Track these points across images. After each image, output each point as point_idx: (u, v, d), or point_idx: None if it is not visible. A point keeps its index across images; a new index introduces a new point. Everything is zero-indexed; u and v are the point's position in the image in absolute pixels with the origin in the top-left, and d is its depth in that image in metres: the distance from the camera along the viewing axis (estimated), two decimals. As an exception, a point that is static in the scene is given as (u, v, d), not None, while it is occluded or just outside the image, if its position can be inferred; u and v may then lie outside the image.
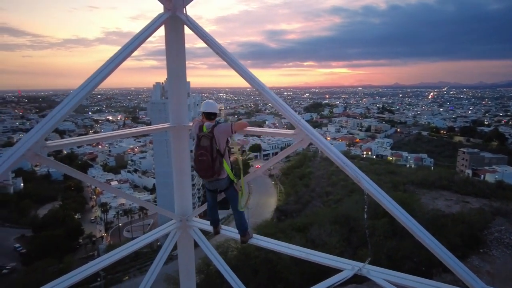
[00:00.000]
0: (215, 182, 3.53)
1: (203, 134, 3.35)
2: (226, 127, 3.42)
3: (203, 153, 3.30)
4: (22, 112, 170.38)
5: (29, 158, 2.44)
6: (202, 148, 3.31)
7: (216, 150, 3.31)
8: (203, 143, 3.33)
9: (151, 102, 58.46)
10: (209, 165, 3.29)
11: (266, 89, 3.15)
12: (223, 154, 3.41)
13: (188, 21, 3.25)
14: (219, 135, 3.35)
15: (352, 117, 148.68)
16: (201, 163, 3.32)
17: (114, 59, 2.81)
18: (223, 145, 3.41)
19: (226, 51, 3.28)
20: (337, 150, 2.88)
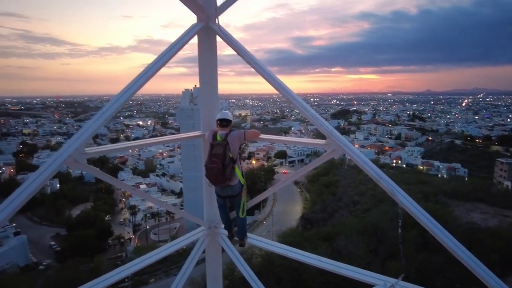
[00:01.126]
0: (227, 189, 3.61)
1: (217, 142, 3.44)
2: (240, 134, 3.55)
3: (214, 161, 3.37)
4: (59, 117, 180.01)
5: (69, 164, 2.56)
6: (214, 155, 3.38)
7: (229, 158, 3.39)
8: (216, 151, 3.40)
9: (180, 108, 59.84)
10: (219, 171, 3.35)
11: (296, 97, 3.13)
12: (235, 160, 3.49)
13: (220, 31, 3.30)
14: (232, 142, 3.45)
15: (381, 124, 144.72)
16: (212, 170, 3.39)
17: (151, 68, 2.90)
18: (236, 152, 3.49)
19: (256, 59, 3.30)
20: (371, 162, 2.79)
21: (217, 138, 3.49)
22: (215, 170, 3.36)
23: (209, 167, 3.40)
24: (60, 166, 2.43)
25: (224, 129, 3.55)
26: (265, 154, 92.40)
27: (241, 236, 3.86)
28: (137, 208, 54.62)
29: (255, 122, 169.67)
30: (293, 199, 59.93)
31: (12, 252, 40.57)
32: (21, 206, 2.22)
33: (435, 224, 2.59)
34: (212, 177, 3.42)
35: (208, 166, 3.41)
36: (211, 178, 3.44)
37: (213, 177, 3.42)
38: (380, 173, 2.69)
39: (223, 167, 3.34)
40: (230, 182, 3.50)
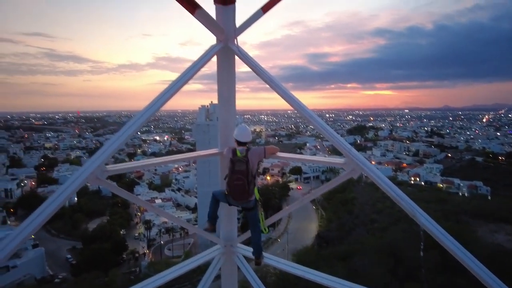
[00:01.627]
0: (245, 203, 3.60)
1: (238, 158, 3.45)
2: (260, 151, 3.58)
3: (239, 178, 3.39)
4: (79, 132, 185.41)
5: (90, 181, 2.62)
6: (238, 172, 3.40)
7: (251, 174, 3.42)
8: (238, 167, 3.41)
9: (196, 124, 60.67)
10: (244, 188, 3.38)
11: (313, 115, 3.13)
12: (255, 176, 3.51)
13: (239, 51, 3.37)
14: (253, 159, 3.46)
15: (399, 141, 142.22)
16: (237, 187, 3.40)
17: (172, 86, 2.98)
18: (255, 168, 3.51)
19: (273, 77, 3.35)
20: (391, 182, 2.74)
21: (237, 154, 3.50)
22: (240, 187, 3.39)
23: (233, 184, 3.42)
24: (82, 183, 2.49)
25: (243, 146, 3.58)
26: (280, 170, 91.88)
27: (257, 254, 3.78)
28: (152, 223, 54.90)
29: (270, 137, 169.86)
30: (308, 216, 58.98)
31: (30, 264, 41.26)
32: (45, 221, 2.27)
33: (457, 246, 2.51)
34: (236, 194, 3.45)
35: (233, 183, 3.42)
36: (235, 194, 3.46)
37: (237, 194, 3.45)
38: (401, 193, 2.64)
39: (247, 184, 3.38)
40: (250, 197, 3.52)
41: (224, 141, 3.90)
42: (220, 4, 3.30)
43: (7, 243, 2.11)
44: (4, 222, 54.65)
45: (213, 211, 3.96)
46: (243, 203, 3.59)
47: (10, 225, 52.75)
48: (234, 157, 3.48)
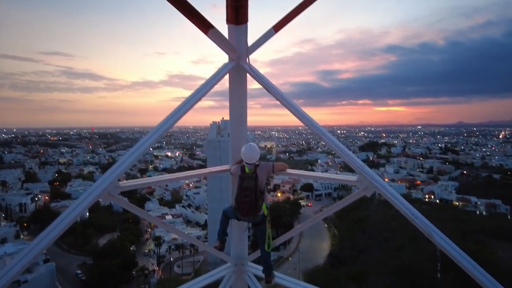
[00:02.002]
0: (252, 218, 3.60)
1: (247, 175, 3.51)
2: (269, 167, 3.64)
3: (247, 194, 3.42)
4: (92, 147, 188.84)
5: (103, 197, 2.64)
6: (246, 189, 3.44)
7: (259, 190, 3.45)
8: (246, 183, 3.46)
9: (208, 140, 61.12)
10: (252, 204, 3.41)
11: (325, 132, 3.13)
12: (263, 192, 3.52)
13: (250, 70, 3.42)
14: (261, 175, 3.51)
15: (412, 158, 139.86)
16: (245, 203, 3.44)
17: (185, 104, 3.02)
18: (263, 184, 3.54)
19: (284, 95, 3.38)
20: (405, 200, 2.68)
21: (245, 170, 3.55)
22: (248, 203, 3.42)
23: (241, 200, 3.46)
24: (95, 199, 2.51)
25: (251, 165, 3.60)
26: (291, 186, 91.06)
27: (267, 272, 3.74)
28: (162, 239, 54.70)
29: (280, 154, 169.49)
30: (320, 234, 57.89)
31: (41, 279, 41.31)
32: (58, 236, 2.28)
33: (476, 267, 2.43)
34: (244, 210, 3.47)
35: (241, 200, 3.46)
36: (243, 210, 3.48)
37: (245, 210, 3.47)
38: (415, 212, 2.58)
39: (256, 200, 3.40)
40: (258, 213, 3.53)
41: (235, 157, 3.90)
42: (233, 24, 3.37)
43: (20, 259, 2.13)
44: (17, 236, 55.34)
45: (223, 228, 3.97)
46: (251, 219, 3.60)
47: (23, 239, 53.36)
48: (243, 174, 3.53)
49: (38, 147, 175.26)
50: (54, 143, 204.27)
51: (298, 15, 3.37)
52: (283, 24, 3.41)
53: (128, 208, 3.11)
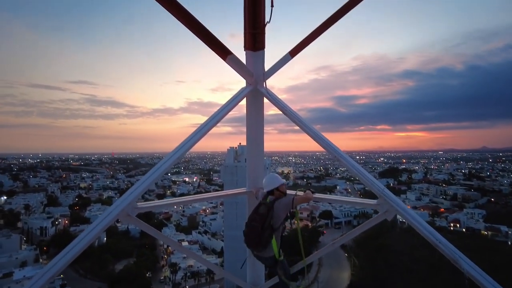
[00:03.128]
0: (260, 257, 3.43)
1: (264, 202, 3.37)
2: (287, 203, 3.36)
3: (255, 218, 3.26)
4: (112, 172, 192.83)
5: (121, 218, 2.67)
6: (257, 214, 3.29)
7: (269, 222, 3.23)
8: (260, 210, 3.31)
9: (225, 165, 61.30)
10: (256, 234, 3.21)
11: (343, 155, 3.09)
12: (275, 229, 3.29)
13: (267, 93, 3.48)
14: (278, 210, 3.31)
15: (434, 184, 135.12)
16: (249, 228, 3.28)
17: (203, 128, 3.08)
18: (280, 221, 3.31)
19: (302, 118, 3.39)
20: (427, 224, 2.57)
21: (267, 199, 3.44)
22: (253, 229, 3.25)
23: (249, 224, 3.33)
24: (114, 220, 2.54)
25: (271, 194, 3.49)
26: (309, 213, 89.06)
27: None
28: (178, 266, 54.01)
29: (298, 179, 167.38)
30: (340, 264, 55.72)
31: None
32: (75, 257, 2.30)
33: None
34: (248, 236, 3.31)
35: (249, 224, 3.33)
36: (247, 237, 3.32)
37: (248, 238, 3.30)
38: (439, 237, 2.46)
39: (262, 230, 3.20)
40: (263, 251, 3.30)
41: (252, 181, 3.90)
42: (250, 50, 3.48)
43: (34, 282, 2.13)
44: (36, 260, 55.97)
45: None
46: (256, 251, 3.39)
47: (42, 263, 53.87)
48: (262, 200, 3.44)
49: (61, 172, 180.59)
50: (76, 168, 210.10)
51: (313, 41, 3.44)
52: (299, 49, 3.48)
53: (146, 230, 3.11)
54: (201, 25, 2.81)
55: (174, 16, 2.70)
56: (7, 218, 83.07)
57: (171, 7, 2.62)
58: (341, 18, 3.24)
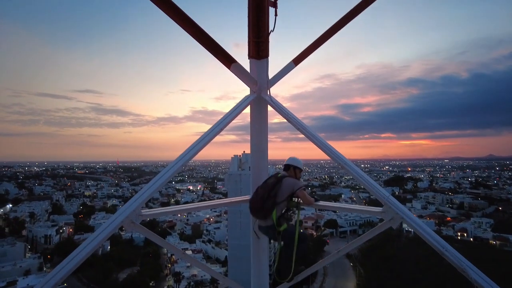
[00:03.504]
0: (262, 227, 3.60)
1: (275, 175, 3.65)
2: (293, 184, 3.57)
3: (263, 186, 3.53)
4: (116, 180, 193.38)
5: (126, 225, 2.67)
6: (265, 183, 3.56)
7: (274, 194, 3.44)
8: (269, 181, 3.58)
9: (229, 173, 61.29)
10: (261, 200, 3.42)
11: (348, 162, 3.09)
12: (277, 203, 3.47)
13: (271, 101, 3.50)
14: (284, 186, 3.52)
15: (440, 193, 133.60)
16: (255, 194, 3.53)
17: (209, 133, 3.10)
18: (282, 197, 3.49)
19: (306, 126, 3.40)
20: (433, 232, 2.54)
21: (278, 174, 3.69)
22: (258, 196, 3.49)
23: (256, 191, 3.58)
24: (118, 227, 2.55)
25: (285, 172, 3.79)
26: (314, 222, 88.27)
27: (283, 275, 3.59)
28: (182, 275, 53.63)
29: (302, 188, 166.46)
30: (345, 274, 55.00)
31: (60, 314, 41.00)
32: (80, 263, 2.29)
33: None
34: (252, 202, 3.54)
35: (255, 191, 3.59)
36: (252, 201, 3.54)
37: (252, 203, 3.53)
38: (446, 245, 2.42)
39: (267, 198, 3.42)
40: (264, 221, 3.52)
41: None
42: (254, 59, 3.51)
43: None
44: (40, 268, 55.92)
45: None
46: (257, 217, 3.59)
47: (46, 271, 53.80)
48: (274, 174, 3.70)
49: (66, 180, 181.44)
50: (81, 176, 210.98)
51: (316, 49, 3.47)
52: (303, 57, 3.51)
53: (150, 237, 3.11)
54: (206, 34, 2.85)
55: (180, 26, 2.74)
56: (12, 226, 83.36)
57: (177, 17, 2.66)
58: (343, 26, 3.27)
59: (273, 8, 3.38)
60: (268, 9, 3.38)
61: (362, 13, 3.26)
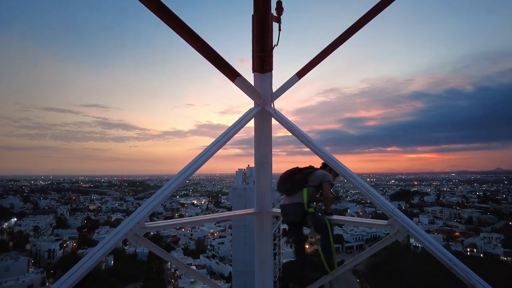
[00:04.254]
0: (287, 206, 3.56)
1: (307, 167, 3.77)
2: (325, 174, 3.66)
3: (295, 168, 3.68)
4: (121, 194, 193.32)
5: (129, 238, 2.66)
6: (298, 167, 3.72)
7: (306, 173, 3.58)
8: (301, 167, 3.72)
9: (233, 187, 61.12)
10: (292, 173, 3.58)
11: (352, 174, 3.08)
12: (309, 185, 3.56)
13: (275, 114, 3.53)
14: (318, 174, 3.64)
15: (447, 207, 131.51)
16: (286, 171, 3.67)
17: (213, 146, 3.11)
18: (313, 183, 3.59)
19: (310, 139, 3.40)
20: (440, 245, 2.50)
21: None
22: (289, 171, 3.65)
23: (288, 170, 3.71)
24: (121, 239, 2.54)
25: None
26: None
27: None
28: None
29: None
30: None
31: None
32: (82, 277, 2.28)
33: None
34: (281, 178, 3.66)
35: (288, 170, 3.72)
36: (280, 179, 3.67)
37: (281, 178, 3.65)
38: (454, 259, 2.37)
39: (299, 172, 3.60)
40: (292, 197, 3.54)
41: (260, 202, 3.87)
42: (258, 72, 3.56)
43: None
44: (43, 283, 55.48)
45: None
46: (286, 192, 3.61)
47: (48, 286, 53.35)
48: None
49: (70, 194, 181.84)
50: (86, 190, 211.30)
51: (319, 63, 3.51)
52: (306, 71, 3.55)
53: (154, 250, 3.09)
54: (211, 49, 2.91)
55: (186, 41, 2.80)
56: (16, 240, 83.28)
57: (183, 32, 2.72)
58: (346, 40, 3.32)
59: (277, 23, 3.45)
60: (272, 24, 3.44)
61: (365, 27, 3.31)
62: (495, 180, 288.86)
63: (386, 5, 3.16)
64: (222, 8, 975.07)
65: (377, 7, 3.20)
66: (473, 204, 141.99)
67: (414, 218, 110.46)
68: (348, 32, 3.31)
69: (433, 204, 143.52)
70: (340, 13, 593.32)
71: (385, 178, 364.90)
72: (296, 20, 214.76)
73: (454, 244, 78.06)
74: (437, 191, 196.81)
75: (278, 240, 55.80)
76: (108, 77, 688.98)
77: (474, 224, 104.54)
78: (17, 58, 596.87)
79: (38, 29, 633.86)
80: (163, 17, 2.58)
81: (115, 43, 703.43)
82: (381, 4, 3.18)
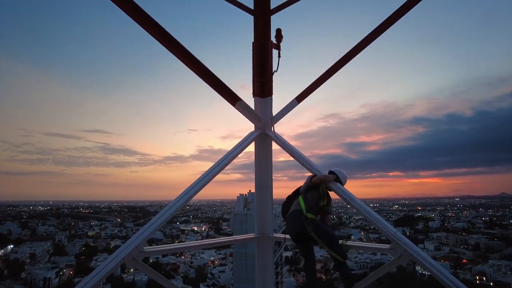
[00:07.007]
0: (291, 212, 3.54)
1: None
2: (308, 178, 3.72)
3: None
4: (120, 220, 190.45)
5: (127, 262, 2.62)
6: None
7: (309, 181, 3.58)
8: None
9: (234, 213, 60.40)
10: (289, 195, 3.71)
11: (354, 198, 3.07)
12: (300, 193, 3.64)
13: (276, 137, 3.56)
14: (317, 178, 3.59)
15: (453, 233, 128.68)
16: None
17: (214, 168, 3.12)
18: (303, 189, 3.64)
19: (311, 162, 3.43)
20: (446, 270, 2.44)
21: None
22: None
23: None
24: (119, 264, 2.50)
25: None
26: (323, 265, 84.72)
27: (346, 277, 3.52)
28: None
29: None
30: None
31: None
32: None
33: None
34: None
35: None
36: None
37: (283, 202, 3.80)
38: (461, 285, 2.31)
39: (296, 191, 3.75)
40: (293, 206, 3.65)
41: (260, 226, 3.83)
42: (258, 97, 3.63)
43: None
44: (38, 314, 53.64)
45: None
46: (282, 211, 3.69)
47: (43, 318, 51.53)
48: None
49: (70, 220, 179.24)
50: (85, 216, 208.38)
51: (318, 87, 3.59)
52: (305, 95, 3.62)
53: (152, 276, 3.03)
54: (212, 74, 2.98)
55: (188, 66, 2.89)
56: (11, 268, 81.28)
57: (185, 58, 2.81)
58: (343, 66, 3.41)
59: (277, 50, 3.56)
60: (272, 51, 3.55)
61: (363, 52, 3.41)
62: (501, 205, 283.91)
63: (383, 31, 3.27)
64: (223, 36, 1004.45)
65: (374, 33, 3.31)
66: (479, 229, 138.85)
67: (419, 245, 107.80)
68: (345, 57, 3.40)
69: (438, 230, 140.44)
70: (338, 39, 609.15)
71: (388, 203, 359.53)
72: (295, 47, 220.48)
73: (462, 271, 75.66)
74: (441, 216, 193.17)
75: (280, 268, 54.32)
76: (111, 103, 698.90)
77: (482, 251, 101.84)
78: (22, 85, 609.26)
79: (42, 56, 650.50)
80: (166, 44, 2.67)
81: (118, 70, 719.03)
82: (379, 30, 3.29)
